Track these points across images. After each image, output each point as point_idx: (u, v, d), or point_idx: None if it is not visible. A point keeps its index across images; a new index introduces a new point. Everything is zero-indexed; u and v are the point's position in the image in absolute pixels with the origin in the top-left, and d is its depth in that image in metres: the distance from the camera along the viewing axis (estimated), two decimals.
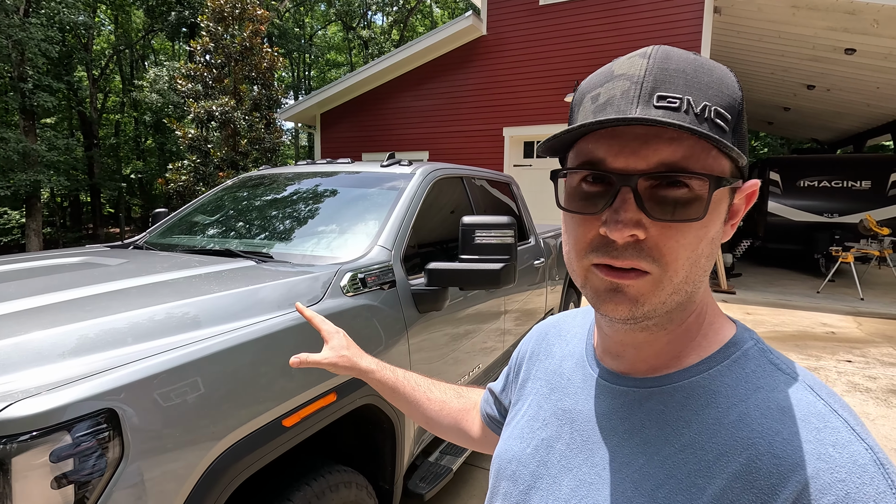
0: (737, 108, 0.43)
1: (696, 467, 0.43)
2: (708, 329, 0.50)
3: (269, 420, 1.17)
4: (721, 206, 0.45)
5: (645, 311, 0.45)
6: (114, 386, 0.90)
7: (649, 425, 0.48)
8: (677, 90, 0.41)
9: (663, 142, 0.41)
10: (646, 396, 0.49)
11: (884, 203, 8.97)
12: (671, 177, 0.42)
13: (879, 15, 6.00)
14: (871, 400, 3.80)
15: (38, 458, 0.80)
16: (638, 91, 0.42)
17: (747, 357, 0.48)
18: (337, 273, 1.57)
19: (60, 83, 14.82)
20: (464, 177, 2.71)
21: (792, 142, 20.05)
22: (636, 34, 7.52)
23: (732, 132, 0.42)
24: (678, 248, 0.43)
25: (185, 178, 8.41)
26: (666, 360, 0.50)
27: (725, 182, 0.43)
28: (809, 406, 0.42)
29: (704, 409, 0.45)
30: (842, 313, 6.59)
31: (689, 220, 0.42)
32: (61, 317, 1.09)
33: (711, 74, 0.43)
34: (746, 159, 0.43)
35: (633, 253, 0.43)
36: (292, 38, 24.25)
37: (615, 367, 0.53)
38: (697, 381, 0.47)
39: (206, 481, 1.01)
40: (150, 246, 2.17)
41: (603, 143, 0.44)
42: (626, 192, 0.43)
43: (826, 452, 0.39)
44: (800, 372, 0.46)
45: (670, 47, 0.44)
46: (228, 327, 1.18)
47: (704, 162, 0.42)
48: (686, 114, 0.40)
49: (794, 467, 0.39)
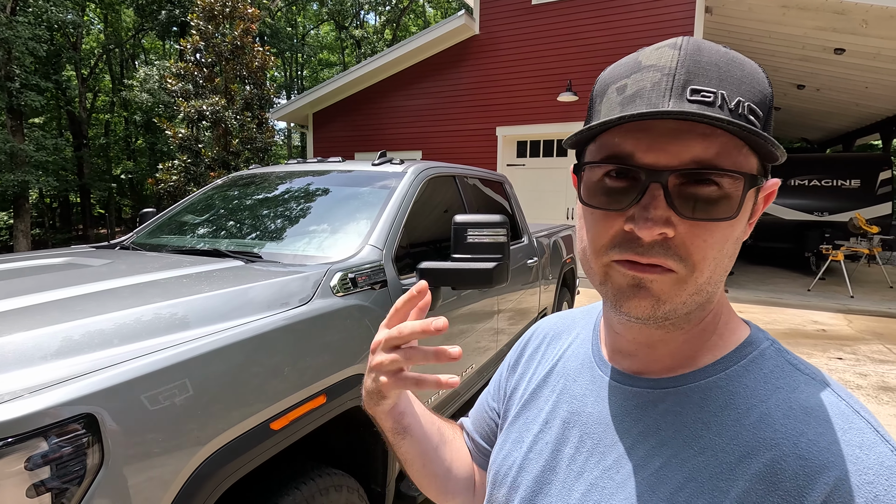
0: (767, 105, 0.42)
1: (717, 469, 0.42)
2: (723, 329, 0.49)
3: (256, 423, 1.14)
4: (748, 205, 0.44)
5: (666, 310, 0.43)
6: (93, 390, 0.87)
7: (665, 427, 0.46)
8: (711, 84, 0.39)
9: (696, 137, 0.40)
10: (660, 397, 0.48)
11: (873, 201, 9.06)
12: (703, 174, 0.40)
13: (868, 15, 6.05)
14: (863, 397, 3.83)
15: (14, 465, 0.77)
16: (670, 83, 0.40)
17: (764, 357, 0.47)
18: (327, 273, 1.55)
19: (48, 82, 14.65)
20: (456, 175, 2.70)
21: (782, 141, 20.22)
22: (628, 34, 7.55)
23: (763, 129, 0.41)
24: (706, 247, 0.42)
25: (176, 179, 8.33)
26: (681, 360, 0.48)
27: (759, 181, 0.42)
28: (832, 407, 0.42)
29: (723, 410, 0.44)
30: (832, 311, 6.64)
31: (720, 220, 0.41)
32: (42, 318, 1.06)
33: (743, 69, 0.41)
34: (785, 156, 0.41)
35: (661, 251, 0.42)
36: (284, 38, 24.13)
37: (627, 368, 0.51)
38: (714, 382, 0.46)
39: (190, 487, 0.98)
40: (136, 246, 2.13)
41: (631, 136, 0.42)
42: (655, 189, 0.41)
43: (853, 454, 0.38)
44: (817, 372, 0.46)
45: (700, 39, 0.43)
46: (215, 328, 1.15)
47: (735, 159, 0.41)
48: (721, 109, 0.39)
49: (822, 469, 0.38)
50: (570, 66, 7.96)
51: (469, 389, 2.52)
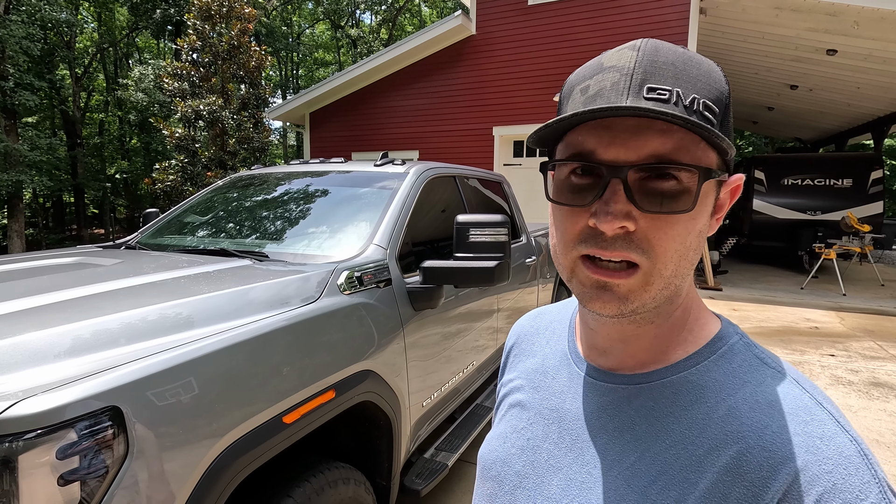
0: (724, 102, 0.44)
1: (687, 462, 0.44)
2: (693, 324, 0.50)
3: (269, 417, 1.18)
4: (708, 199, 0.45)
5: (634, 306, 0.45)
6: (118, 384, 0.91)
7: (639, 422, 0.48)
8: (667, 82, 0.41)
9: (654, 133, 0.42)
10: (634, 393, 0.49)
11: (865, 201, 9.17)
12: (661, 168, 0.42)
13: (860, 16, 6.13)
14: (854, 393, 3.90)
15: (44, 455, 0.81)
16: (628, 82, 0.42)
17: (733, 352, 0.48)
18: (333, 272, 1.59)
19: (42, 81, 14.55)
20: (456, 176, 2.74)
21: (776, 141, 20.38)
22: (624, 34, 7.60)
23: (720, 125, 0.43)
24: (667, 239, 0.43)
25: (173, 178, 8.32)
26: (654, 355, 0.50)
27: (714, 174, 0.43)
28: (796, 399, 0.43)
29: (693, 405, 0.46)
30: (825, 309, 6.73)
31: (678, 213, 0.42)
32: (62, 316, 1.09)
33: (700, 68, 0.44)
34: (734, 151, 0.43)
35: (623, 244, 0.43)
36: (280, 37, 24.07)
37: (602, 364, 0.53)
38: (685, 377, 0.48)
39: (209, 478, 1.02)
40: (142, 246, 2.16)
41: (593, 134, 0.44)
42: (616, 184, 0.42)
43: (814, 445, 0.40)
44: (784, 366, 0.47)
45: (659, 40, 0.45)
46: (230, 325, 1.19)
47: (693, 154, 0.42)
48: (676, 105, 0.41)
49: (784, 460, 0.40)
50: (566, 66, 8.01)
51: (469, 386, 2.56)
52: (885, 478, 0.39)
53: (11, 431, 0.79)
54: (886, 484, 0.39)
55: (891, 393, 3.90)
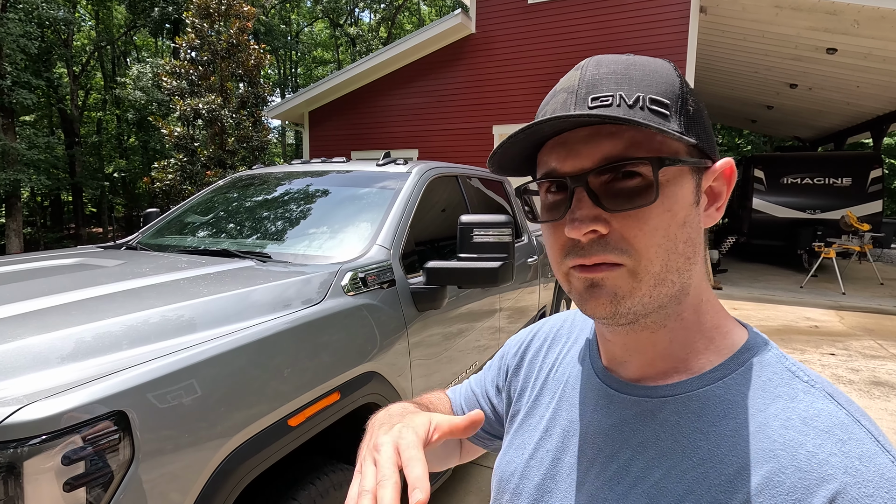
0: (677, 93, 0.44)
1: (716, 481, 0.41)
2: (713, 332, 0.48)
3: (275, 420, 1.17)
4: (681, 188, 0.44)
5: (628, 305, 0.44)
6: (123, 388, 0.90)
7: (664, 437, 0.46)
8: (609, 89, 0.43)
9: (604, 137, 0.43)
10: (659, 406, 0.47)
11: (864, 199, 9.19)
12: (617, 168, 0.43)
13: (860, 15, 6.13)
14: (855, 392, 3.91)
15: (50, 461, 0.80)
16: (574, 98, 0.44)
17: (763, 364, 0.46)
18: (337, 273, 1.58)
19: (40, 80, 14.50)
20: (458, 175, 2.73)
21: (775, 139, 20.40)
22: (623, 33, 7.60)
23: (680, 115, 0.43)
24: (643, 235, 0.43)
25: (172, 177, 8.29)
26: (674, 364, 0.48)
27: (669, 161, 0.42)
28: (832, 416, 0.41)
29: (722, 420, 0.44)
30: (824, 307, 6.74)
31: (642, 206, 0.42)
32: (67, 319, 1.08)
33: (644, 69, 0.45)
34: (672, 132, 0.41)
35: (599, 248, 0.44)
36: (278, 35, 24.01)
37: (623, 376, 0.51)
38: (712, 390, 0.45)
39: (214, 482, 1.01)
40: (144, 246, 2.14)
41: (554, 152, 0.46)
42: (580, 192, 0.44)
43: (853, 466, 0.38)
44: (818, 379, 0.45)
45: (604, 55, 0.47)
46: (235, 327, 1.18)
47: (650, 147, 0.43)
48: (619, 107, 0.42)
49: (820, 481, 0.38)
50: (566, 65, 7.91)
51: None
52: None
53: (16, 437, 0.78)
54: None
55: (892, 392, 3.90)
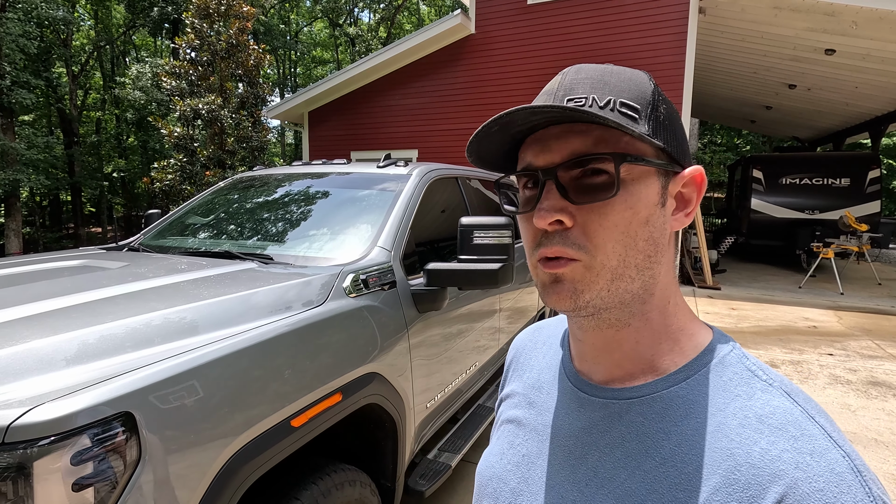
0: (648, 100, 0.46)
1: (677, 481, 0.42)
2: (679, 333, 0.49)
3: (278, 420, 1.18)
4: (646, 188, 0.46)
5: (587, 298, 0.46)
6: (130, 390, 0.91)
7: (630, 438, 0.47)
8: (584, 92, 0.46)
9: (575, 135, 0.46)
10: (626, 408, 0.48)
11: (862, 200, 9.22)
12: (584, 163, 0.45)
13: (858, 16, 6.16)
14: (852, 392, 3.93)
15: (59, 461, 0.81)
16: (551, 100, 0.47)
17: (724, 364, 0.47)
18: (339, 275, 1.59)
19: (39, 80, 14.50)
20: (458, 177, 2.74)
21: (773, 140, 20.43)
22: (623, 34, 7.61)
23: (649, 120, 0.45)
24: (602, 231, 0.45)
25: (171, 177, 8.30)
26: (640, 365, 0.49)
27: (631, 158, 0.44)
28: (786, 413, 0.42)
29: (683, 420, 0.45)
30: (823, 308, 6.76)
31: (604, 199, 0.44)
32: (73, 322, 1.10)
33: (620, 76, 0.47)
34: (637, 133, 0.43)
35: (560, 241, 0.46)
36: (278, 35, 24.02)
37: (594, 379, 0.53)
38: (675, 391, 0.47)
39: (219, 481, 1.02)
40: (145, 248, 2.16)
41: (530, 149, 0.49)
42: (549, 185, 0.46)
43: (804, 461, 0.39)
44: (776, 377, 0.46)
45: (586, 64, 0.50)
46: (238, 329, 1.19)
47: (615, 146, 0.45)
48: (591, 108, 0.44)
49: (773, 478, 0.39)
50: (565, 65, 7.85)
51: (471, 387, 2.57)
52: (882, 495, 0.38)
53: (26, 438, 0.80)
54: (882, 502, 0.38)
55: (889, 392, 3.92)
